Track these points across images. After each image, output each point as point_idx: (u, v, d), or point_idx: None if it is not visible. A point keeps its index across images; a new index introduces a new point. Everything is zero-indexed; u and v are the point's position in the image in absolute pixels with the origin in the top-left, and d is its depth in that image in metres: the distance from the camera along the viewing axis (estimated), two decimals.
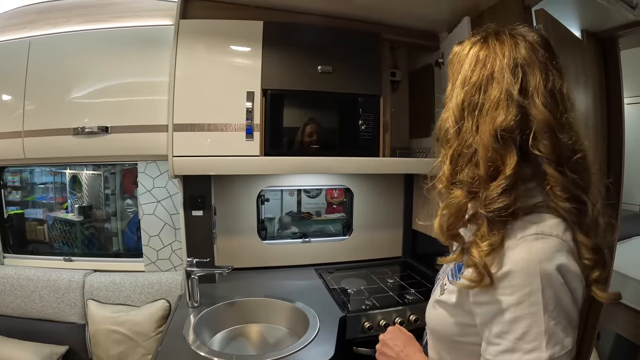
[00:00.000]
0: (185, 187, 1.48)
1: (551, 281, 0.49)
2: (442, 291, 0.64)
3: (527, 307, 0.49)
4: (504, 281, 0.51)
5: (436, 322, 0.65)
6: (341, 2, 1.46)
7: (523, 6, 1.32)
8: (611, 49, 1.67)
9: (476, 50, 0.59)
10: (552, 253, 0.50)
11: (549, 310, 0.49)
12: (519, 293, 0.50)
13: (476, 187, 0.54)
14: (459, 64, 0.61)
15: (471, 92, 0.56)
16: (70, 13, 1.60)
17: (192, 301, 1.36)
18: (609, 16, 1.50)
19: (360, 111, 1.49)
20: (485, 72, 0.56)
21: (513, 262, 0.50)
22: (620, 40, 1.66)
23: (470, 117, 0.56)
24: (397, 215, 1.96)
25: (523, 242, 0.51)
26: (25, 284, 1.65)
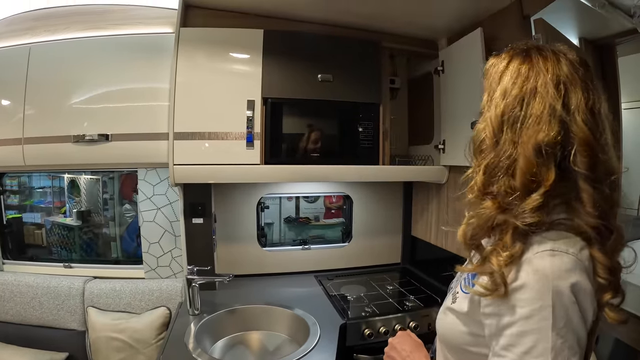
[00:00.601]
0: (185, 194, 1.49)
1: (563, 299, 0.49)
2: (454, 299, 0.65)
3: (536, 322, 0.49)
4: (516, 294, 0.51)
5: (446, 329, 0.66)
6: (343, 11, 1.47)
7: (522, 16, 1.33)
8: (609, 56, 1.69)
9: (517, 64, 0.59)
10: (566, 271, 0.50)
11: (558, 327, 0.49)
12: (529, 307, 0.50)
13: (510, 199, 0.54)
14: (497, 76, 0.61)
15: (512, 105, 0.56)
16: (70, 20, 1.60)
17: (192, 309, 1.37)
18: (606, 24, 1.51)
19: (359, 119, 1.50)
20: (528, 86, 0.56)
21: (527, 276, 0.51)
22: (617, 48, 1.67)
23: (511, 130, 0.56)
24: (397, 222, 1.97)
25: (539, 256, 0.51)
26: (25, 290, 1.65)
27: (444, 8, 1.46)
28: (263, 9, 1.47)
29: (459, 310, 0.62)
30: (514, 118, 0.56)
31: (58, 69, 1.54)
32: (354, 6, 1.43)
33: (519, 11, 1.34)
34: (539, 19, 1.31)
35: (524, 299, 0.50)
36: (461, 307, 0.62)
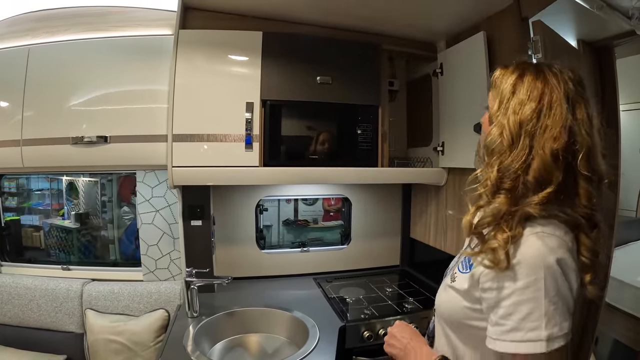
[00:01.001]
0: (184, 196, 1.48)
1: (552, 272, 0.58)
2: (453, 279, 0.74)
3: (531, 292, 0.58)
4: (512, 270, 0.60)
5: (447, 305, 0.74)
6: (342, 14, 1.48)
7: (520, 17, 1.33)
8: (607, 58, 1.70)
9: (532, 78, 0.67)
10: (553, 248, 0.60)
11: (550, 296, 0.58)
12: (524, 280, 0.59)
13: (521, 194, 0.63)
14: (509, 87, 0.69)
15: (531, 116, 0.64)
16: (70, 22, 1.60)
17: (191, 311, 1.36)
18: (604, 26, 1.52)
19: (358, 121, 1.50)
20: (545, 100, 0.64)
21: (521, 254, 0.60)
22: (616, 50, 1.68)
23: (529, 137, 0.63)
24: (395, 224, 1.97)
25: (530, 238, 0.61)
26: (23, 292, 1.65)
27: (443, 11, 1.46)
28: (262, 11, 1.47)
29: (459, 288, 0.70)
30: (532, 127, 0.64)
31: (57, 71, 1.54)
32: (352, 8, 1.43)
33: (517, 13, 1.34)
34: (537, 21, 1.31)
35: (519, 273, 0.59)
36: (461, 285, 0.70)
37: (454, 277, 0.73)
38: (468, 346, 0.71)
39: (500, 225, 0.63)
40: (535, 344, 0.57)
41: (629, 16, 1.42)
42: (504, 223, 0.63)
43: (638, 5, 1.38)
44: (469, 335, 0.70)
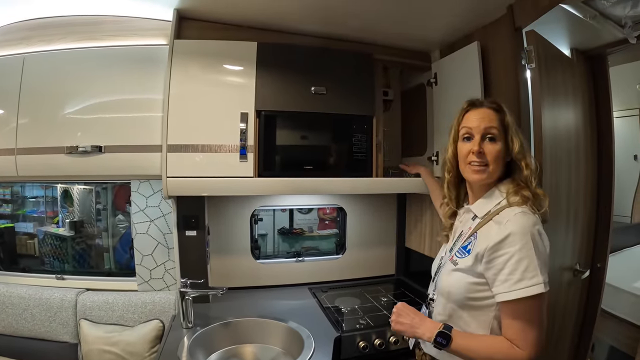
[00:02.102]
0: (178, 207, 1.48)
1: (535, 237, 0.81)
2: (455, 263, 0.93)
3: (525, 251, 0.80)
4: (508, 239, 0.81)
5: (452, 285, 0.92)
6: (336, 24, 1.49)
7: (514, 28, 1.34)
8: (600, 66, 1.71)
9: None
10: (534, 222, 0.83)
11: (538, 252, 0.81)
12: (519, 244, 0.80)
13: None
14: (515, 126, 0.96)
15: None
16: (65, 30, 1.59)
17: (186, 322, 1.36)
18: (598, 35, 1.54)
19: (353, 131, 1.50)
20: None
21: (513, 228, 0.82)
22: (609, 58, 1.69)
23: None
24: (390, 234, 1.97)
25: (519, 215, 0.84)
26: (16, 302, 1.64)
27: (437, 21, 1.48)
28: (256, 22, 1.48)
29: (464, 267, 0.89)
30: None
31: (52, 80, 1.53)
32: (347, 19, 1.45)
33: (510, 23, 1.35)
34: (531, 31, 1.33)
35: (514, 240, 0.81)
36: (466, 264, 0.89)
37: (455, 262, 0.93)
38: (470, 315, 0.90)
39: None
40: (538, 286, 0.78)
41: (622, 25, 1.44)
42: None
43: (631, 14, 1.39)
44: (470, 306, 0.89)
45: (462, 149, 0.96)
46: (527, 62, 1.30)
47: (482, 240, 0.87)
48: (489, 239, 0.85)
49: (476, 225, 0.94)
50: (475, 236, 0.91)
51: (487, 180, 0.93)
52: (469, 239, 0.93)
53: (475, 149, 0.91)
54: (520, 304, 0.80)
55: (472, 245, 0.90)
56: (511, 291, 0.80)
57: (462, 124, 0.97)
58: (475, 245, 0.89)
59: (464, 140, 0.96)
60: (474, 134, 0.93)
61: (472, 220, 0.97)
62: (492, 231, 0.86)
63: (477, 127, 0.93)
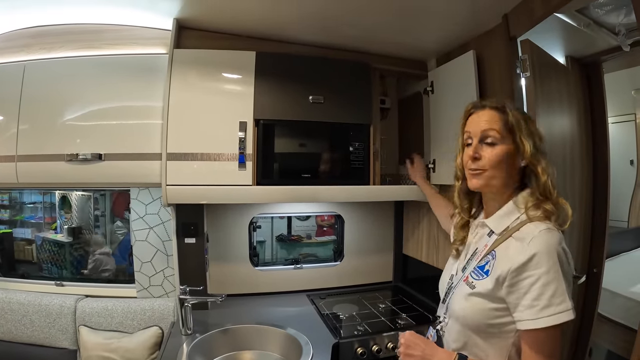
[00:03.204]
0: (178, 214, 1.49)
1: (561, 258, 0.74)
2: (472, 286, 0.84)
3: (553, 274, 0.73)
4: (533, 260, 0.74)
5: (470, 310, 0.83)
6: (334, 34, 1.50)
7: (509, 37, 1.36)
8: (595, 73, 1.73)
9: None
10: (559, 240, 0.76)
11: (565, 275, 0.73)
12: (546, 265, 0.73)
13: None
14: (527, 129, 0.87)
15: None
16: (66, 38, 1.60)
17: (185, 328, 1.37)
18: (592, 42, 1.55)
19: (350, 140, 1.52)
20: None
21: (538, 247, 0.74)
22: (603, 65, 1.71)
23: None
24: (388, 241, 1.98)
25: (541, 233, 0.76)
26: (16, 308, 1.64)
27: (433, 32, 1.49)
28: (255, 31, 1.50)
29: (483, 292, 0.81)
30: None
31: (53, 87, 1.54)
32: (345, 29, 1.46)
33: (505, 32, 1.36)
34: (526, 40, 1.34)
35: (540, 261, 0.73)
36: (485, 288, 0.80)
37: (472, 285, 0.84)
38: (487, 342, 0.82)
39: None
40: (566, 313, 0.72)
41: (616, 32, 1.45)
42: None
43: (624, 21, 1.41)
44: (488, 333, 0.81)
45: (464, 155, 0.91)
46: (522, 71, 1.32)
47: (503, 261, 0.79)
48: (511, 260, 0.77)
49: (493, 242, 0.86)
50: (493, 255, 0.83)
51: (486, 186, 0.87)
52: (486, 258, 0.85)
53: (470, 154, 0.88)
54: (544, 332, 0.73)
55: (491, 266, 0.82)
56: (537, 319, 0.72)
57: (465, 128, 0.92)
58: (494, 266, 0.81)
59: (467, 146, 0.91)
60: (473, 138, 0.89)
61: (489, 237, 0.89)
62: (513, 250, 0.79)
63: (474, 131, 0.88)
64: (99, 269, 1.87)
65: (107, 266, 1.89)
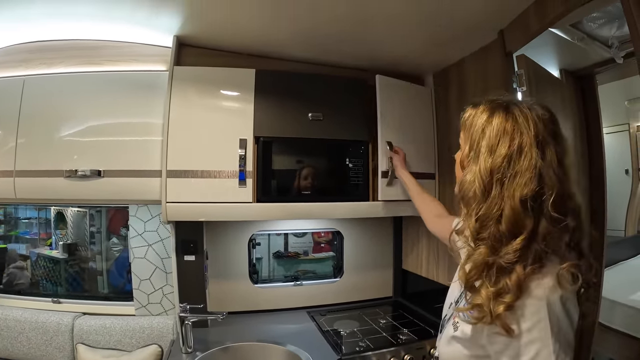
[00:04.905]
0: (177, 231, 1.49)
1: (554, 309, 0.59)
2: (456, 328, 0.71)
3: (537, 332, 0.58)
4: (516, 311, 0.59)
5: (452, 357, 0.72)
6: (329, 51, 1.52)
7: (505, 52, 1.38)
8: (589, 85, 1.75)
9: (501, 120, 0.65)
10: (553, 287, 0.59)
11: (555, 333, 0.58)
12: (530, 321, 0.59)
13: (499, 243, 0.61)
14: (479, 129, 0.67)
15: (501, 163, 0.63)
16: (65, 54, 1.60)
17: (185, 347, 1.35)
18: (586, 55, 1.58)
19: (349, 157, 1.52)
20: (514, 145, 0.63)
21: (524, 298, 0.59)
22: (597, 77, 1.74)
23: (499, 184, 0.62)
24: (387, 256, 1.98)
25: (532, 280, 0.60)
26: (12, 325, 1.62)
27: (430, 49, 1.51)
28: (254, 49, 1.51)
29: (462, 337, 0.68)
30: (502, 174, 0.62)
31: (52, 102, 1.53)
32: (343, 46, 1.48)
33: (501, 48, 1.38)
34: (521, 55, 1.35)
35: (525, 314, 0.59)
36: (465, 333, 0.68)
37: (456, 326, 0.72)
38: None
39: (484, 278, 0.62)
40: None
41: (609, 45, 1.48)
42: (486, 277, 0.62)
43: (617, 34, 1.43)
44: None
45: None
46: (518, 85, 1.33)
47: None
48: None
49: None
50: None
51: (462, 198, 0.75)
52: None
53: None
54: None
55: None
56: None
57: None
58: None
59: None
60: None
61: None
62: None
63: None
64: (13, 283, 1.86)
65: (21, 280, 1.88)
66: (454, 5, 1.19)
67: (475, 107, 0.71)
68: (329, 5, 1.21)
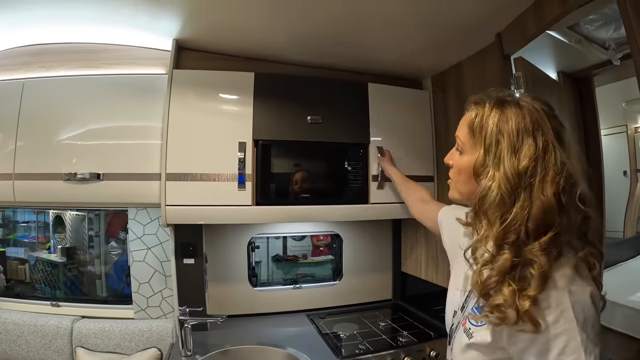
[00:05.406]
0: (176, 235, 1.49)
1: (578, 297, 0.57)
2: (470, 335, 0.67)
3: (563, 324, 0.56)
4: (541, 304, 0.57)
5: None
6: (327, 54, 1.52)
7: (502, 55, 1.38)
8: (587, 87, 1.76)
9: (517, 118, 0.62)
10: (573, 275, 0.58)
11: (580, 323, 0.55)
12: (555, 312, 0.56)
13: (525, 244, 0.58)
14: (496, 129, 0.63)
15: (528, 164, 0.60)
16: (65, 57, 1.61)
17: (185, 350, 1.35)
18: (583, 57, 1.59)
19: (348, 159, 1.52)
20: (539, 144, 0.61)
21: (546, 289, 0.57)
22: (594, 79, 1.74)
23: (529, 185, 0.59)
24: (386, 259, 1.98)
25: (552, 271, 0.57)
26: (11, 328, 1.62)
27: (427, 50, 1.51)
28: (253, 53, 1.52)
29: (481, 343, 0.65)
30: (530, 176, 0.60)
31: (51, 106, 1.53)
32: (342, 49, 1.48)
33: (499, 51, 1.39)
34: (519, 58, 1.36)
35: (550, 306, 0.56)
36: (483, 339, 0.64)
37: (470, 333, 0.67)
38: None
39: (505, 279, 0.59)
40: None
41: (606, 47, 1.49)
42: (509, 277, 0.59)
43: (614, 36, 1.44)
44: None
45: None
46: (516, 88, 1.33)
47: None
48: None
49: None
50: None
51: (456, 199, 0.76)
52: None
53: (445, 159, 0.79)
54: None
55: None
56: None
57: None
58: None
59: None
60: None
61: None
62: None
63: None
64: None
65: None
66: (450, 7, 1.20)
67: (479, 106, 0.68)
68: (326, 7, 1.22)
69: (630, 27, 0.93)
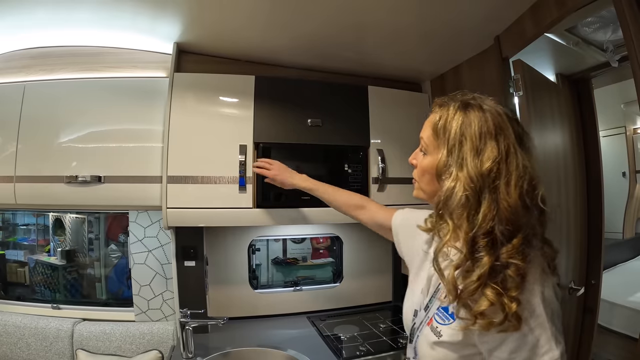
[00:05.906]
0: (177, 237, 1.49)
1: (546, 293, 0.60)
2: (439, 334, 0.67)
3: (536, 319, 0.58)
4: (522, 303, 0.58)
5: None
6: (328, 57, 1.54)
7: (501, 58, 1.39)
8: (585, 89, 1.77)
9: (480, 122, 0.64)
10: (542, 272, 0.61)
11: (549, 316, 0.59)
12: (530, 309, 0.58)
13: (499, 245, 0.59)
14: (459, 132, 0.64)
15: (491, 166, 0.61)
16: (66, 60, 1.61)
17: (186, 352, 1.35)
18: (581, 60, 1.60)
19: (348, 162, 1.53)
20: (502, 147, 0.62)
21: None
22: (593, 81, 1.76)
23: (493, 187, 0.60)
24: (386, 261, 1.98)
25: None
26: (11, 331, 1.62)
27: (426, 53, 1.53)
28: (254, 56, 1.53)
29: (451, 341, 0.65)
30: (494, 178, 0.61)
31: (52, 109, 1.53)
32: (341, 52, 1.49)
33: (498, 53, 1.40)
34: (518, 60, 1.37)
35: (530, 303, 0.58)
36: (453, 337, 0.65)
37: (438, 331, 0.67)
38: None
39: (488, 283, 0.59)
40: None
41: (604, 49, 1.50)
42: (491, 280, 0.59)
43: (612, 38, 1.45)
44: None
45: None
46: (515, 90, 1.34)
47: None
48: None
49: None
50: None
51: (420, 197, 0.76)
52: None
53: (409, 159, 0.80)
54: None
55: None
56: None
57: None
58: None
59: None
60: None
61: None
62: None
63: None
64: None
65: None
66: (449, 10, 1.21)
67: (444, 108, 0.69)
68: (325, 11, 1.23)
69: (627, 29, 0.94)
